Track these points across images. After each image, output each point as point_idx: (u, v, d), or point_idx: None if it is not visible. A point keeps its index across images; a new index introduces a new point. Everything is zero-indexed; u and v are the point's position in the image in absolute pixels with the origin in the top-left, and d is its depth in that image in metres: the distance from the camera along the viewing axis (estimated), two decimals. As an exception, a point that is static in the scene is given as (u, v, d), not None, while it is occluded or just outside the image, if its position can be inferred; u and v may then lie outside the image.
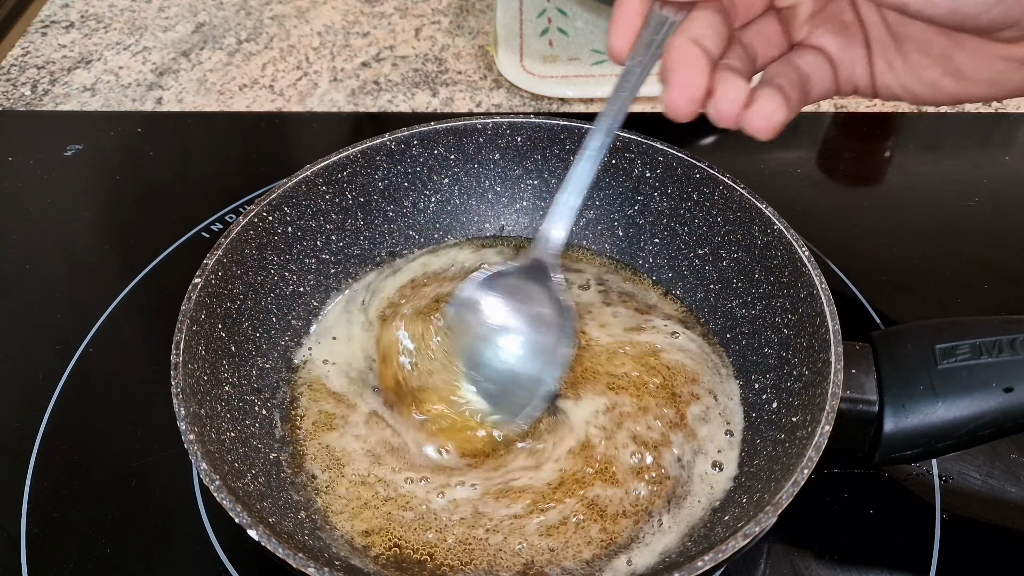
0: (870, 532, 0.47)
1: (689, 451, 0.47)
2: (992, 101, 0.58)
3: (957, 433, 0.42)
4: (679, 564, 0.37)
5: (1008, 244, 0.62)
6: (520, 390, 0.47)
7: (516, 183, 0.58)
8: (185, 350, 0.43)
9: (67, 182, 0.69)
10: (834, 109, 0.73)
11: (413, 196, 0.57)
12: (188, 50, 0.82)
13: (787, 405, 0.45)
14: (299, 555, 0.36)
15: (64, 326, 0.58)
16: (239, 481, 0.42)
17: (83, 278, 0.62)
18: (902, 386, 0.43)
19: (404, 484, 0.46)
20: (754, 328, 0.50)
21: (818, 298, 0.45)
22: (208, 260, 0.47)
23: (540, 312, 0.47)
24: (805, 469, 0.39)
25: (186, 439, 0.40)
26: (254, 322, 0.50)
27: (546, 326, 0.47)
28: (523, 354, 0.47)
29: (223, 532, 0.47)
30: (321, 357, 0.52)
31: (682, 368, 0.50)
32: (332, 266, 0.55)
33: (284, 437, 0.48)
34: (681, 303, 0.54)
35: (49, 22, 0.86)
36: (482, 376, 0.48)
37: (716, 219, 0.52)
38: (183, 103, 0.77)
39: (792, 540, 0.47)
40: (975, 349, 0.43)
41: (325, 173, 0.53)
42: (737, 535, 0.37)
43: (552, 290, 0.47)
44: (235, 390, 0.47)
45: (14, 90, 0.78)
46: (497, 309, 0.48)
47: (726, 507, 0.44)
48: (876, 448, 0.43)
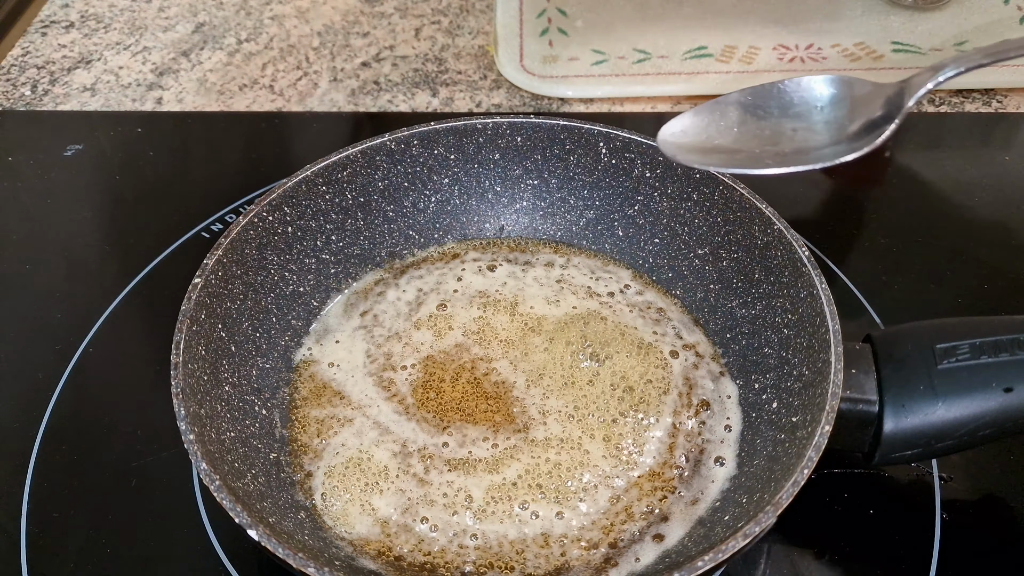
0: (870, 532, 0.47)
1: (689, 451, 0.47)
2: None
3: (957, 433, 0.42)
4: (679, 564, 0.38)
5: (1008, 244, 0.62)
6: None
7: (516, 183, 0.58)
8: (185, 350, 0.43)
9: (67, 182, 0.69)
10: (834, 109, 0.73)
11: (413, 196, 0.57)
12: (188, 50, 0.82)
13: (787, 405, 0.45)
14: (299, 555, 0.36)
15: (64, 326, 0.58)
16: (239, 481, 0.42)
17: (83, 278, 0.62)
18: (902, 386, 0.43)
19: (403, 484, 0.46)
20: (754, 328, 0.50)
21: (818, 298, 0.45)
22: (208, 260, 0.47)
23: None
24: (805, 469, 0.39)
25: (186, 439, 0.40)
26: (254, 322, 0.50)
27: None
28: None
29: (223, 532, 0.47)
30: (321, 357, 0.52)
31: (683, 368, 0.50)
32: (332, 266, 0.55)
33: (284, 437, 0.48)
34: (682, 304, 0.54)
35: (49, 22, 0.86)
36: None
37: (716, 219, 0.52)
38: (183, 103, 0.77)
39: (792, 540, 0.47)
40: (975, 349, 0.43)
41: (325, 173, 0.53)
42: (737, 535, 0.37)
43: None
44: (235, 390, 0.47)
45: (14, 90, 0.78)
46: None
47: (726, 507, 0.44)
48: (876, 448, 0.43)
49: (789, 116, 0.44)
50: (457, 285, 0.55)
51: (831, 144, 0.42)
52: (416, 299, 0.55)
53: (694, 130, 0.44)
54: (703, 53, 0.76)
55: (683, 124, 0.44)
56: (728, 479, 0.46)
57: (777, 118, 0.44)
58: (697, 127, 0.44)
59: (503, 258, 0.57)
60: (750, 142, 0.43)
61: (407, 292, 0.55)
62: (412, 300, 0.55)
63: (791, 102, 0.44)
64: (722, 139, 0.44)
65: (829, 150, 0.42)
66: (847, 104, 0.43)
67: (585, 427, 0.48)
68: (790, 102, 0.44)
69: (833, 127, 0.43)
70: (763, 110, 0.44)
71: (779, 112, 0.44)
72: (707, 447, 0.47)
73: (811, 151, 0.42)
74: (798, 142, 0.43)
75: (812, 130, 0.43)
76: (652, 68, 0.75)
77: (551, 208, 0.58)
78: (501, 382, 0.50)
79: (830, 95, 0.43)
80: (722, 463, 0.46)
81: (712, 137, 0.44)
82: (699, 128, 0.44)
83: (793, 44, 0.77)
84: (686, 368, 0.50)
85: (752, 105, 0.44)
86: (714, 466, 0.46)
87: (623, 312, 0.53)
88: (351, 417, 0.49)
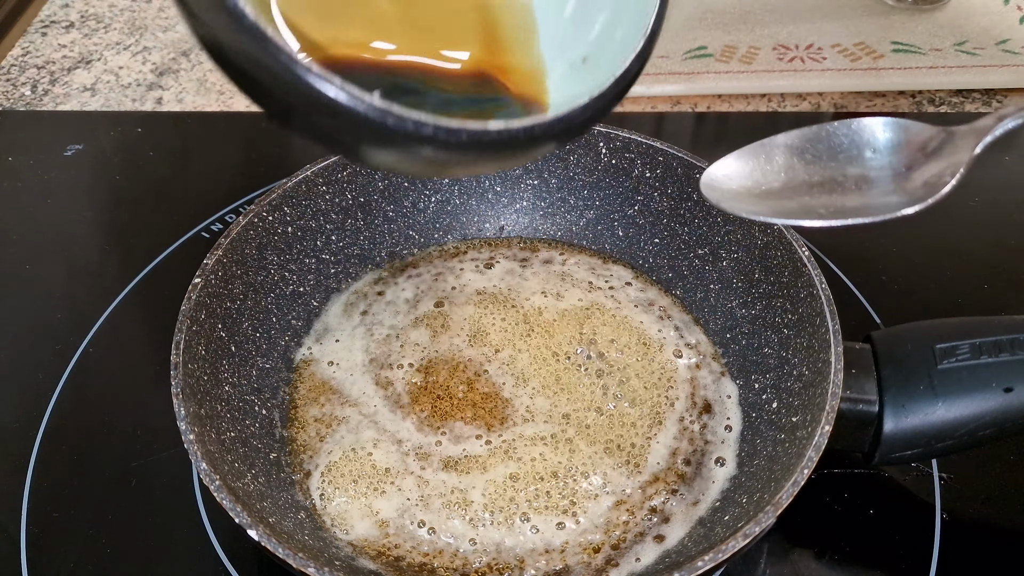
0: (870, 532, 0.47)
1: (691, 451, 0.47)
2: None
3: (957, 433, 0.42)
4: (679, 564, 0.38)
5: (1008, 244, 0.62)
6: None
7: (516, 183, 0.58)
8: (185, 350, 0.43)
9: (67, 182, 0.69)
10: (834, 109, 0.73)
11: (413, 196, 0.57)
12: (188, 50, 0.82)
13: (787, 405, 0.45)
14: (299, 555, 0.36)
15: (64, 326, 0.58)
16: (239, 481, 0.42)
17: (83, 278, 0.62)
18: (902, 386, 0.43)
19: (403, 485, 0.46)
20: (754, 328, 0.50)
21: (818, 298, 0.45)
22: (208, 260, 0.47)
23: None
24: (805, 469, 0.39)
25: (186, 439, 0.40)
26: (254, 322, 0.50)
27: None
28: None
29: (223, 532, 0.47)
30: (321, 357, 0.52)
31: (685, 368, 0.50)
32: (332, 266, 0.55)
33: (284, 437, 0.48)
34: (682, 304, 0.54)
35: (49, 22, 0.86)
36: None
37: (716, 219, 0.52)
38: (183, 103, 0.77)
39: (792, 540, 0.47)
40: (975, 349, 0.43)
41: (325, 173, 0.53)
42: (737, 535, 0.37)
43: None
44: (235, 390, 0.47)
45: (14, 90, 0.78)
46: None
47: (726, 507, 0.44)
48: (876, 448, 0.43)
49: (839, 161, 0.41)
50: (456, 283, 0.55)
51: (886, 194, 0.39)
52: (415, 297, 0.55)
53: (739, 175, 0.41)
54: (703, 53, 0.76)
55: (727, 168, 0.41)
56: (728, 479, 0.46)
57: (826, 162, 0.41)
58: (742, 171, 0.41)
59: (502, 256, 0.57)
60: (799, 188, 0.41)
61: (406, 291, 0.55)
62: (411, 298, 0.55)
63: (841, 146, 0.41)
64: (769, 184, 0.41)
65: (885, 201, 0.39)
66: (903, 149, 0.40)
67: (587, 428, 0.48)
68: (840, 146, 0.41)
69: (887, 174, 0.40)
70: (811, 154, 0.41)
71: (828, 156, 0.41)
72: (707, 447, 0.47)
73: (865, 202, 0.40)
74: (850, 190, 0.40)
75: (865, 178, 0.40)
76: (652, 68, 0.75)
77: (551, 208, 0.58)
78: (501, 381, 0.50)
79: (884, 139, 0.41)
80: (722, 463, 0.46)
81: (759, 182, 0.41)
82: (744, 172, 0.41)
83: (793, 44, 0.77)
84: (689, 368, 0.50)
85: (799, 149, 0.41)
86: (714, 466, 0.46)
87: (627, 308, 0.53)
88: (351, 417, 0.49)
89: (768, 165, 0.41)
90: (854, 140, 0.41)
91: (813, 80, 0.74)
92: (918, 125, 0.40)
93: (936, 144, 0.39)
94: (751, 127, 0.72)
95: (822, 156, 0.41)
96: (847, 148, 0.41)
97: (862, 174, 0.41)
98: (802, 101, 0.74)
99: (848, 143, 0.41)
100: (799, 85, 0.74)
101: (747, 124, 0.72)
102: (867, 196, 0.40)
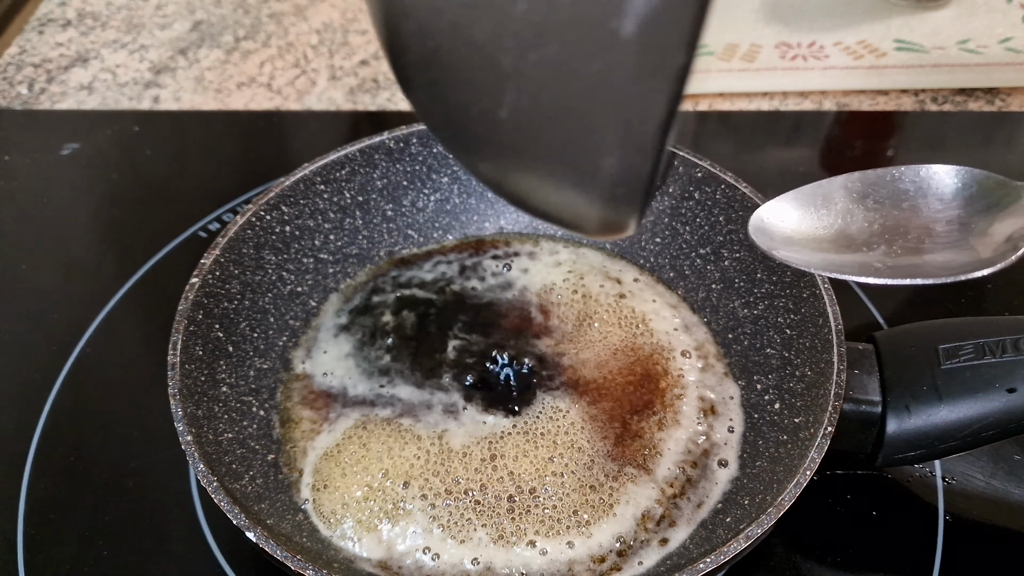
0: (873, 534, 0.47)
1: (696, 454, 0.47)
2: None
3: (960, 434, 0.42)
4: (681, 566, 0.37)
5: (1011, 243, 0.62)
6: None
7: (516, 182, 0.57)
8: (182, 350, 0.43)
9: (64, 181, 0.69)
10: (836, 108, 0.73)
11: (412, 195, 0.57)
12: (185, 48, 0.82)
13: (789, 406, 0.45)
14: (297, 557, 0.36)
15: (61, 326, 0.58)
16: (237, 483, 0.41)
17: (80, 278, 0.62)
18: (905, 387, 0.42)
19: (403, 485, 0.45)
20: (756, 328, 0.50)
21: (821, 298, 0.44)
22: (205, 260, 0.47)
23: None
24: (807, 470, 0.38)
25: (183, 440, 0.40)
26: (252, 322, 0.50)
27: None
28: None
29: (221, 534, 0.47)
30: (318, 358, 0.52)
31: (691, 369, 0.50)
32: (330, 266, 0.55)
33: (282, 438, 0.48)
34: (685, 303, 0.54)
35: (46, 20, 0.85)
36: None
37: (718, 218, 0.52)
38: (180, 101, 0.76)
39: (794, 542, 0.46)
40: (978, 349, 0.42)
41: (323, 172, 0.53)
42: (739, 537, 0.36)
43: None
44: (232, 391, 0.47)
45: (11, 89, 0.78)
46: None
47: (728, 509, 0.44)
48: (879, 449, 0.43)
49: (903, 210, 0.38)
50: (455, 282, 0.55)
51: (952, 248, 0.36)
52: (415, 296, 0.54)
53: (793, 218, 0.38)
54: (704, 51, 0.76)
55: (781, 210, 0.38)
56: (730, 481, 0.45)
57: (888, 209, 0.38)
58: (797, 214, 0.38)
59: (503, 253, 0.57)
60: (857, 236, 0.38)
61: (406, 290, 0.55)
62: (411, 298, 0.54)
63: (906, 193, 0.38)
64: (825, 230, 0.38)
65: (951, 259, 0.36)
66: (973, 201, 0.37)
67: (588, 429, 0.47)
68: (904, 193, 0.38)
69: (955, 228, 0.37)
70: (873, 200, 0.38)
71: (891, 204, 0.38)
72: (710, 449, 0.47)
73: (929, 259, 0.36)
74: (911, 243, 0.37)
75: (930, 230, 0.37)
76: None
77: (551, 207, 0.58)
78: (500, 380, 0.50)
79: (954, 188, 0.38)
80: (724, 465, 0.46)
81: (815, 227, 0.38)
82: (799, 216, 0.38)
83: (795, 42, 0.77)
84: (693, 369, 0.50)
85: (860, 193, 0.38)
86: (717, 468, 0.46)
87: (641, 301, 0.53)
88: (351, 417, 0.49)
89: (825, 208, 0.39)
90: (921, 187, 0.38)
91: (816, 78, 0.74)
92: (989, 176, 0.38)
93: (1010, 198, 0.37)
94: (753, 125, 0.71)
95: (884, 202, 0.39)
96: (912, 195, 0.38)
97: (926, 225, 0.38)
98: (804, 99, 0.74)
99: (914, 189, 0.39)
100: (801, 83, 0.74)
101: (749, 122, 0.71)
102: (930, 252, 0.37)
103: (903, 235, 0.38)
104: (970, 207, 0.38)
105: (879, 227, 0.38)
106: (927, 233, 0.38)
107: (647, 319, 0.53)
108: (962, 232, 0.37)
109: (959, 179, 0.38)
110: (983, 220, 0.37)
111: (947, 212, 0.38)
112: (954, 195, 0.38)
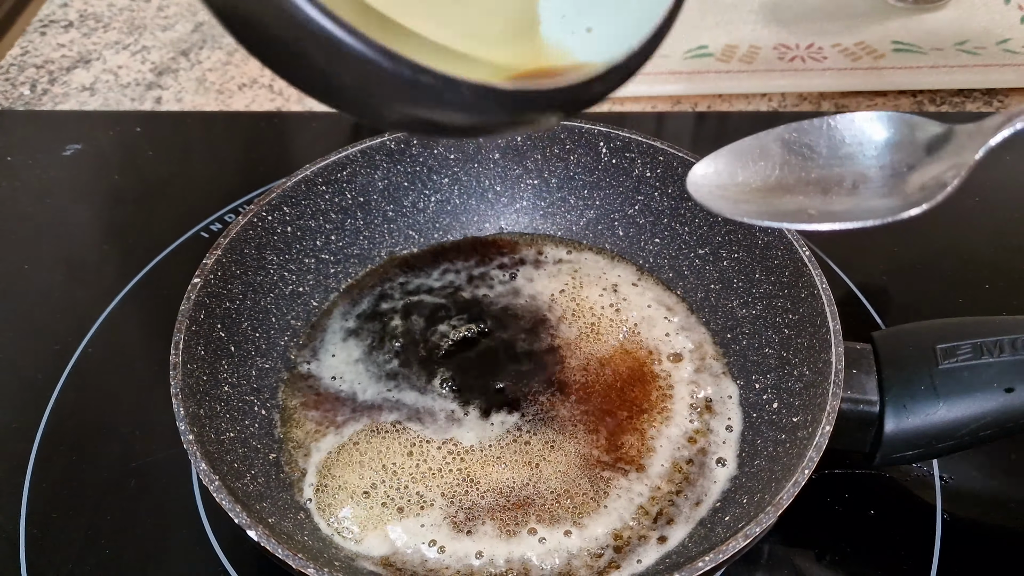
0: (871, 533, 0.47)
1: (693, 452, 0.47)
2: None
3: (958, 433, 0.42)
4: (679, 565, 0.37)
5: (1008, 244, 0.62)
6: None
7: (516, 183, 0.58)
8: (184, 350, 0.43)
9: (66, 182, 0.69)
10: (835, 109, 0.73)
11: (413, 196, 0.57)
12: (187, 49, 0.82)
13: (788, 405, 0.45)
14: (299, 556, 0.36)
15: (63, 326, 0.58)
16: (238, 481, 0.41)
17: (82, 278, 0.62)
18: (903, 386, 0.42)
19: (402, 485, 0.46)
20: (755, 328, 0.50)
21: (819, 298, 0.45)
22: (207, 260, 0.47)
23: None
24: (806, 469, 0.38)
25: (185, 439, 0.40)
26: (253, 322, 0.50)
27: None
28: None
29: (222, 533, 0.47)
30: (321, 358, 0.52)
31: (687, 368, 0.50)
32: (332, 266, 0.55)
33: (283, 437, 0.48)
34: (683, 303, 0.54)
35: (48, 21, 0.86)
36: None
37: (716, 219, 0.52)
38: (182, 102, 0.76)
39: (792, 541, 0.47)
40: (976, 349, 0.42)
41: (325, 173, 0.53)
42: (738, 536, 0.37)
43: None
44: (234, 390, 0.47)
45: (13, 90, 0.78)
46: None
47: (726, 507, 0.44)
48: (877, 448, 0.43)
49: (839, 157, 0.38)
50: (456, 281, 0.55)
51: (884, 195, 0.37)
52: (423, 301, 0.55)
53: (729, 171, 0.38)
54: (703, 52, 0.76)
55: (717, 164, 0.39)
56: (729, 479, 0.46)
57: (826, 159, 0.38)
58: (732, 167, 0.39)
59: (504, 253, 0.57)
60: (793, 187, 0.38)
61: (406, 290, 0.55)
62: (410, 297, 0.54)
63: (842, 141, 0.38)
64: (761, 182, 0.38)
65: (882, 203, 0.36)
66: (906, 147, 0.37)
67: (590, 428, 0.47)
68: (841, 141, 0.38)
69: (888, 173, 0.37)
70: (809, 148, 0.38)
71: (828, 152, 0.38)
72: (709, 448, 0.47)
73: (862, 203, 0.37)
74: (847, 190, 0.37)
75: (864, 176, 0.38)
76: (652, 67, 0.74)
77: (551, 208, 0.58)
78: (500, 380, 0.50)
79: (887, 136, 0.38)
80: (723, 463, 0.46)
81: (749, 180, 0.38)
82: (735, 168, 0.38)
83: (794, 43, 0.77)
84: (690, 369, 0.50)
85: (797, 142, 0.39)
86: (715, 467, 0.46)
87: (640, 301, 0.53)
88: (351, 417, 0.49)
89: (762, 160, 0.39)
90: (855, 136, 0.38)
91: (814, 80, 0.74)
92: (922, 121, 0.38)
93: (940, 142, 0.37)
94: (752, 127, 0.71)
95: (821, 151, 0.39)
96: (848, 143, 0.39)
97: (861, 171, 0.38)
98: (803, 101, 0.74)
99: (849, 138, 0.39)
100: (800, 85, 0.74)
101: (748, 124, 0.71)
102: (864, 197, 0.37)
103: (839, 183, 0.38)
104: (903, 152, 0.38)
105: (816, 176, 0.38)
106: (862, 180, 0.38)
107: (646, 319, 0.53)
108: (896, 177, 0.37)
109: (892, 124, 0.38)
110: (917, 164, 0.37)
111: (881, 158, 0.38)
112: (887, 141, 0.38)
